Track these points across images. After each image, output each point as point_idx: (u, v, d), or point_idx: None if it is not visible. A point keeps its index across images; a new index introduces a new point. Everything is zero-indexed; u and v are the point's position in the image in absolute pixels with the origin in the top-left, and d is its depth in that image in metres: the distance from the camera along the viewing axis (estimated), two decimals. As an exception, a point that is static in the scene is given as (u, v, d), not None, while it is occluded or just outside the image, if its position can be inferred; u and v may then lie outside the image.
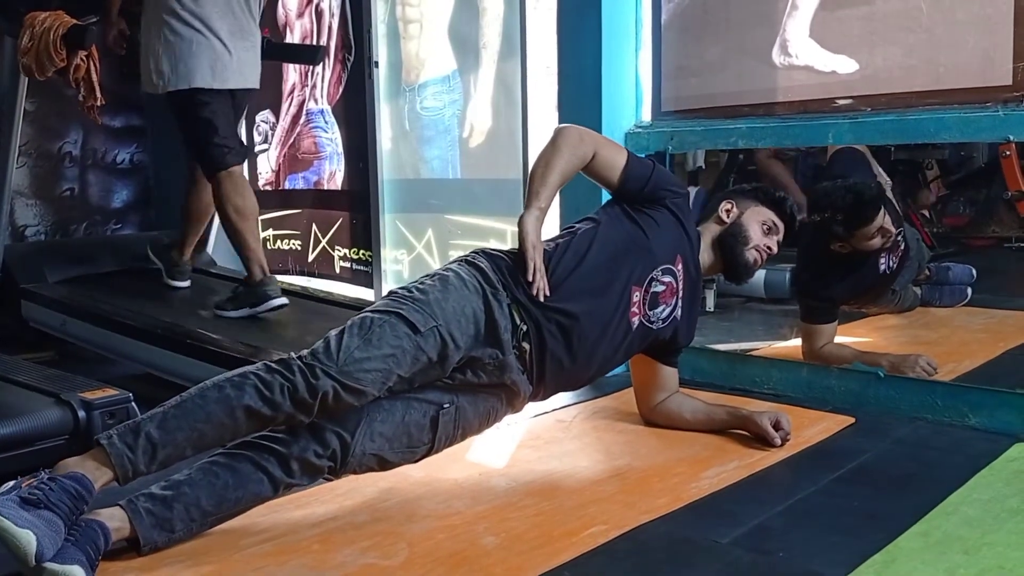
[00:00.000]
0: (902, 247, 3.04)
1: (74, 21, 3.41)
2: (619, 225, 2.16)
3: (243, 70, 3.57)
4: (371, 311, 1.88)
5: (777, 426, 2.23)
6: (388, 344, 1.80)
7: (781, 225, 2.32)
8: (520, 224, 2.03)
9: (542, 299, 1.98)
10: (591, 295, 2.03)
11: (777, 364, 2.80)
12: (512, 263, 2.02)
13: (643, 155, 2.92)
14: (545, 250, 2.06)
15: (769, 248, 2.30)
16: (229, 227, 3.57)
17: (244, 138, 4.13)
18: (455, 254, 4.13)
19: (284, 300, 3.61)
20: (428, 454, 1.94)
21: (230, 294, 3.67)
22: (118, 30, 3.66)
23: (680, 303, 2.20)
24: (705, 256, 2.28)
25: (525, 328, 1.97)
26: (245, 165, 4.86)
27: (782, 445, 2.21)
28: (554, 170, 2.07)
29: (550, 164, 2.08)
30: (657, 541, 1.72)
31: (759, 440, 2.23)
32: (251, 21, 3.62)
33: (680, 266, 2.18)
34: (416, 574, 1.59)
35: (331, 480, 1.87)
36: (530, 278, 1.97)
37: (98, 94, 3.48)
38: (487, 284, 1.96)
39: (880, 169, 3.20)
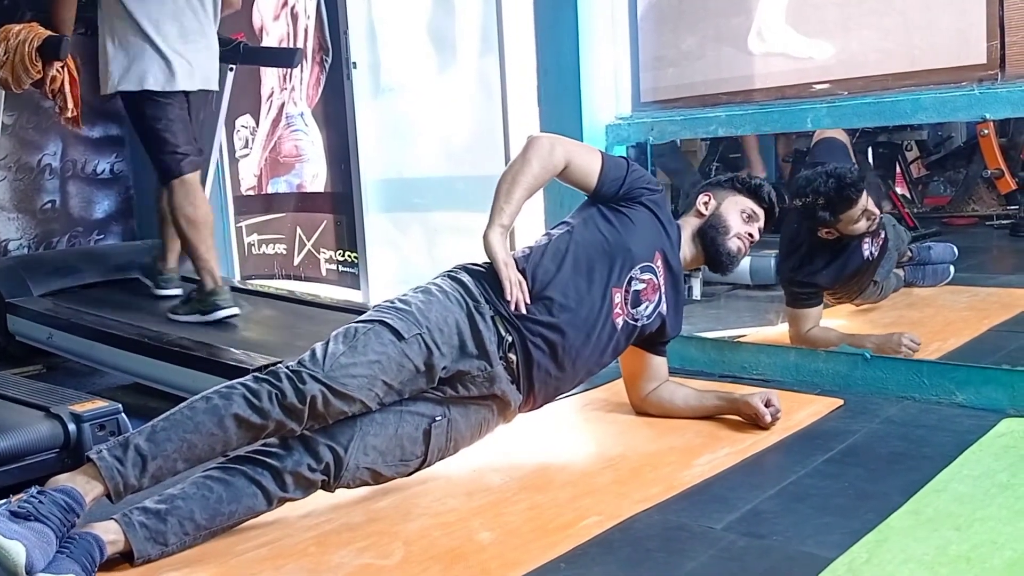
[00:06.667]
0: (882, 235, 3.06)
1: (49, 33, 3.39)
2: (594, 228, 2.15)
3: (195, 72, 3.53)
4: (356, 322, 1.90)
5: (768, 403, 2.24)
6: (373, 351, 1.82)
7: (760, 212, 2.33)
8: (486, 244, 2.03)
9: (523, 311, 1.99)
10: (572, 303, 2.04)
11: (765, 349, 2.81)
12: (492, 276, 2.03)
13: (625, 147, 2.95)
14: (519, 258, 2.07)
15: (751, 235, 2.31)
16: (181, 236, 3.61)
17: (222, 146, 4.10)
18: (441, 251, 4.14)
19: (235, 310, 3.61)
20: (421, 467, 1.95)
21: (183, 298, 3.71)
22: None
23: (664, 298, 2.21)
24: (686, 249, 2.29)
25: (510, 339, 1.98)
26: (224, 170, 4.87)
27: (773, 423, 2.23)
28: (520, 185, 2.06)
29: (516, 179, 2.07)
30: (651, 530, 1.73)
31: (751, 424, 2.25)
32: (205, 22, 3.58)
33: (660, 262, 2.18)
34: (413, 572, 1.60)
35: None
36: (508, 296, 1.98)
37: (71, 105, 3.47)
38: (470, 298, 1.98)
39: (853, 160, 3.23)
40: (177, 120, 3.50)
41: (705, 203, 2.32)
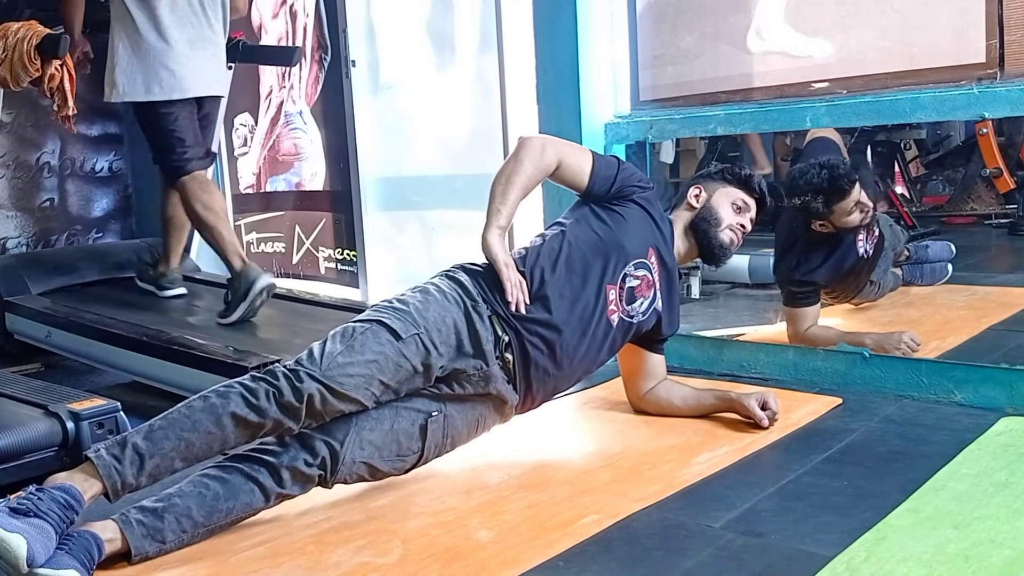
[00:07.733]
0: (876, 233, 3.06)
1: (47, 31, 3.39)
2: (587, 226, 2.16)
3: (204, 78, 3.55)
4: (353, 321, 1.90)
5: (765, 406, 2.24)
6: (371, 350, 1.82)
7: (751, 202, 2.33)
8: (485, 245, 2.03)
9: (523, 312, 1.99)
10: (568, 301, 2.05)
11: (763, 348, 2.81)
12: (490, 276, 2.03)
13: (623, 145, 2.95)
14: (517, 260, 2.08)
15: (742, 226, 2.31)
16: (200, 224, 3.58)
17: (220, 144, 4.11)
18: (440, 250, 4.14)
19: (271, 280, 3.58)
20: (418, 463, 1.95)
21: (225, 301, 3.62)
22: (82, 51, 3.58)
23: (659, 294, 2.21)
24: (680, 244, 2.29)
25: (507, 339, 1.99)
26: (223, 169, 4.86)
27: (770, 425, 2.23)
28: (514, 186, 2.07)
29: (511, 180, 2.08)
30: (650, 528, 1.73)
31: (749, 423, 2.25)
32: (213, 29, 3.59)
33: (653, 258, 2.19)
34: (411, 571, 1.60)
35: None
36: (509, 298, 1.98)
37: (71, 103, 3.47)
38: (467, 297, 1.98)
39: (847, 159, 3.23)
40: (184, 124, 3.52)
41: (696, 196, 2.32)
